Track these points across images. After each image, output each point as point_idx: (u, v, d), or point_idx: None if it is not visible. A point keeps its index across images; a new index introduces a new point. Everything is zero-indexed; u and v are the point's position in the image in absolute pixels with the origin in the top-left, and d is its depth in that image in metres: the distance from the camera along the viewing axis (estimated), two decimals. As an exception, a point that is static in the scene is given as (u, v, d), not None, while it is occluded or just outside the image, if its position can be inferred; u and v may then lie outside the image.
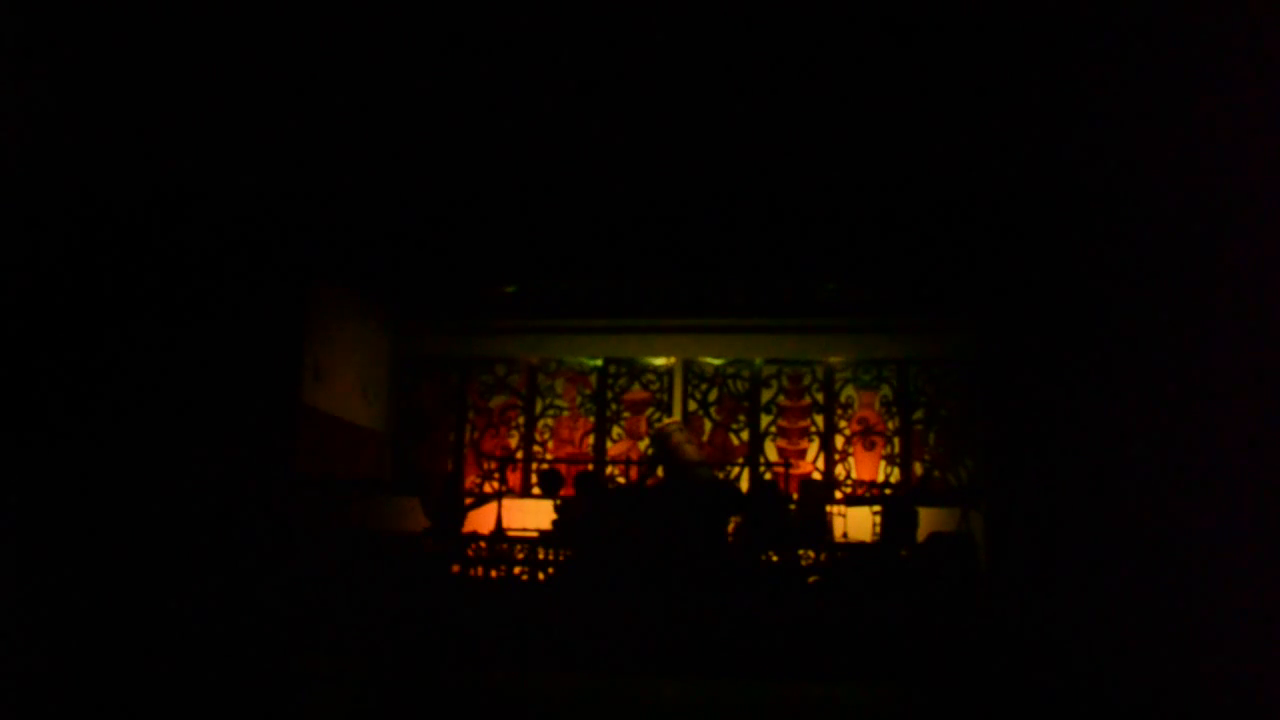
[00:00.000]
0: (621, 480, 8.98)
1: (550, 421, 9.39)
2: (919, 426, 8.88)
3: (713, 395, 9.26)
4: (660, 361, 9.35)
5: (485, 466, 9.34)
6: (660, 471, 8.17)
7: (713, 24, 5.42)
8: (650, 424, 9.19)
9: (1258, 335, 3.79)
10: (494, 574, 7.48)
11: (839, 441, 9.03)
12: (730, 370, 9.26)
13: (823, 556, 7.25)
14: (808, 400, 9.13)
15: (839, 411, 9.08)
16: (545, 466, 8.94)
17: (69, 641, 6.20)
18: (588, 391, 9.40)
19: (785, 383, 9.18)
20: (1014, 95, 5.79)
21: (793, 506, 7.63)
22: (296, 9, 5.49)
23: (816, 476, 8.80)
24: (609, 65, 5.82)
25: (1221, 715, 4.03)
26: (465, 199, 7.13)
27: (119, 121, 6.42)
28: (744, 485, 8.63)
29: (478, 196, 7.09)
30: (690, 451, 8.01)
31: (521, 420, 9.40)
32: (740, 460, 8.95)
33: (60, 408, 6.94)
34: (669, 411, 9.19)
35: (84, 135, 6.53)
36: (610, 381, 9.38)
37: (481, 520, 8.20)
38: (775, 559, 7.21)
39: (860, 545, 7.55)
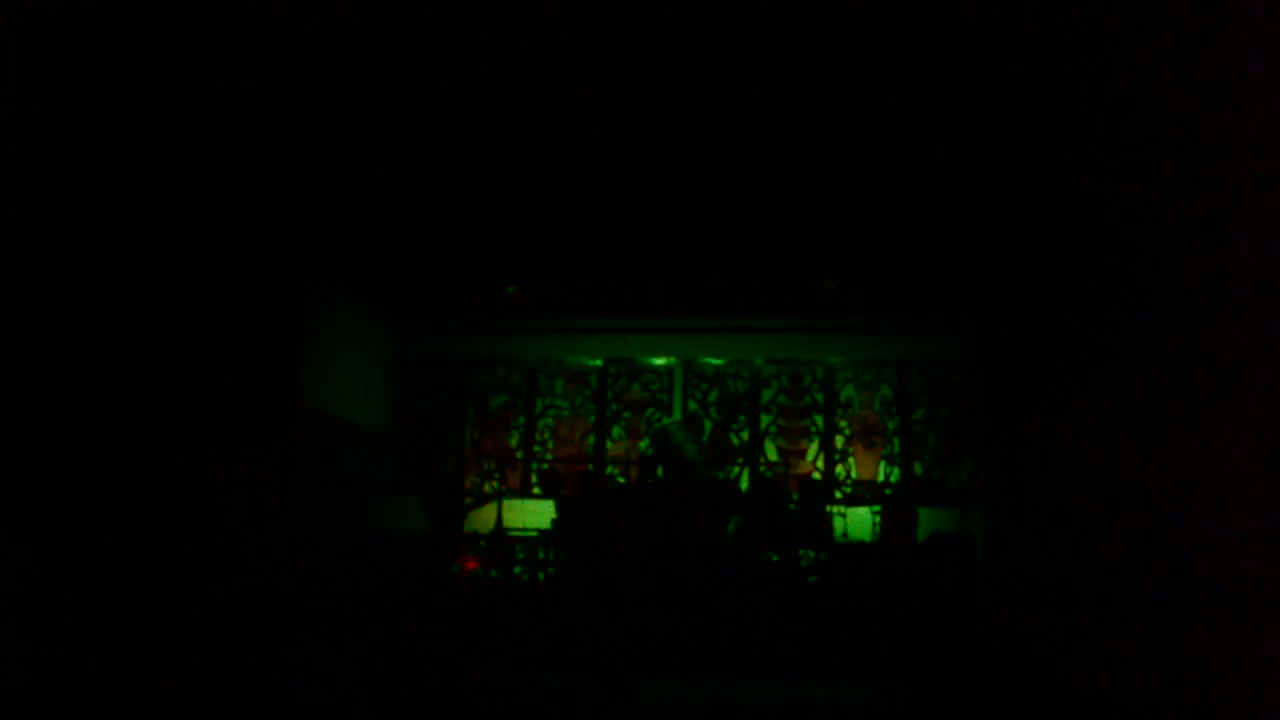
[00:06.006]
0: (621, 480, 8.98)
1: (550, 421, 9.40)
2: (919, 426, 8.89)
3: (713, 395, 9.26)
4: (660, 361, 9.35)
5: (485, 466, 9.34)
6: (660, 471, 8.17)
7: (713, 22, 5.42)
8: (650, 424, 9.19)
9: (1259, 334, 3.79)
10: (494, 574, 7.49)
11: (839, 441, 9.03)
12: (730, 370, 9.26)
13: (823, 556, 7.26)
14: (808, 400, 9.13)
15: (839, 411, 9.08)
16: (545, 466, 8.94)
17: (70, 638, 6.20)
18: (588, 391, 9.41)
19: (785, 383, 9.18)
20: (1014, 94, 5.79)
21: (793, 506, 7.63)
22: (298, 9, 5.49)
23: (816, 476, 8.80)
24: (609, 64, 5.82)
25: (1221, 714, 4.04)
26: (466, 199, 7.13)
27: (119, 122, 6.42)
28: (744, 485, 8.63)
29: (478, 196, 7.09)
30: (690, 451, 8.02)
31: (521, 420, 9.41)
32: (740, 460, 8.95)
33: (60, 407, 6.94)
34: (669, 411, 9.19)
35: (85, 136, 6.53)
36: (610, 381, 9.39)
37: (481, 520, 8.21)
38: (775, 559, 7.21)
39: (860, 545, 7.56)
